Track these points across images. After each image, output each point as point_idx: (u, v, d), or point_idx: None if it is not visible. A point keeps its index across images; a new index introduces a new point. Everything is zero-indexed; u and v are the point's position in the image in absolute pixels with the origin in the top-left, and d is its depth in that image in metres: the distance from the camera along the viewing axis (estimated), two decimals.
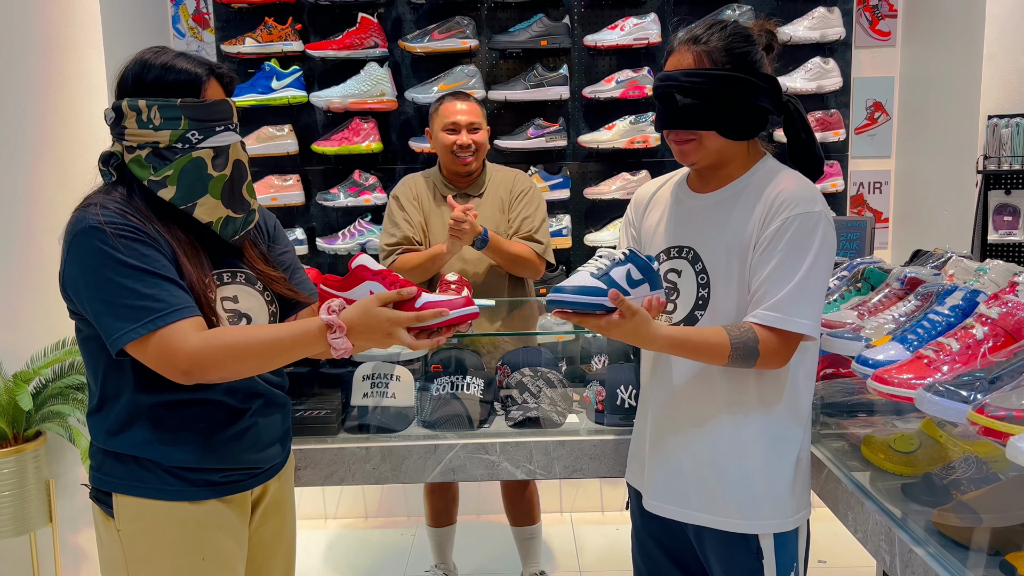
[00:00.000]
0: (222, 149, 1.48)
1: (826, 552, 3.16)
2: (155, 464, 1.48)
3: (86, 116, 2.99)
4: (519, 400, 2.16)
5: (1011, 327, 1.38)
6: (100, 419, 1.50)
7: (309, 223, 3.68)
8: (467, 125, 2.69)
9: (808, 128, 1.64)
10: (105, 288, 1.38)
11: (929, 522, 1.48)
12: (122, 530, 1.48)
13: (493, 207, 2.76)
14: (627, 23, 3.46)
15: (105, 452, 1.50)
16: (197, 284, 1.46)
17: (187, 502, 1.49)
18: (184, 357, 1.37)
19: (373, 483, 2.06)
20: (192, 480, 1.50)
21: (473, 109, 2.72)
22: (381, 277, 1.44)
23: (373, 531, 3.67)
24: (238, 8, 3.55)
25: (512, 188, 2.79)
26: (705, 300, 1.60)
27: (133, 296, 1.37)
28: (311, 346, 1.39)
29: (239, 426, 1.54)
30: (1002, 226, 2.97)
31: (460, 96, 2.77)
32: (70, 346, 2.91)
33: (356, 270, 1.45)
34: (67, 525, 3.04)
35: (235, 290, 1.56)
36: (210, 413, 1.51)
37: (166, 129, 1.44)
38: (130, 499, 1.48)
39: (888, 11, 3.64)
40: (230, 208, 1.51)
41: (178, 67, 1.45)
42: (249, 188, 1.55)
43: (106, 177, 1.50)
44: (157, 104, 1.43)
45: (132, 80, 1.45)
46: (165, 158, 1.45)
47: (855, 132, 3.70)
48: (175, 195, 1.46)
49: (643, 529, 1.78)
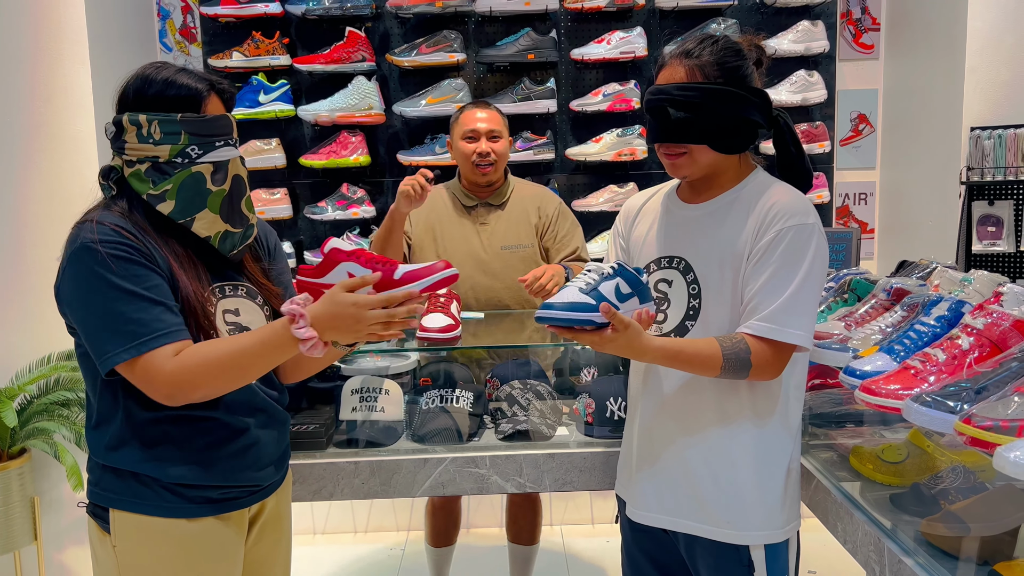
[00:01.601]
0: (221, 164, 1.49)
1: (816, 563, 3.16)
2: (154, 480, 1.47)
3: (72, 131, 2.98)
4: (509, 413, 2.16)
5: (996, 337, 1.39)
6: (99, 434, 1.49)
7: (297, 236, 3.68)
8: (487, 133, 2.63)
9: (797, 141, 1.66)
10: (94, 309, 1.38)
11: (918, 532, 1.48)
12: (118, 546, 1.47)
13: (515, 220, 2.71)
14: (614, 37, 3.48)
15: (104, 467, 1.49)
16: (195, 297, 1.45)
17: (184, 519, 1.48)
18: (164, 381, 1.38)
19: (362, 498, 2.05)
20: (190, 497, 1.48)
21: (494, 117, 2.67)
22: (355, 256, 1.42)
23: (362, 546, 3.64)
24: (225, 22, 3.55)
25: (542, 206, 2.74)
26: (696, 310, 1.61)
27: (120, 321, 1.37)
28: (281, 345, 1.38)
29: (240, 443, 1.53)
30: (986, 236, 3.00)
31: (481, 104, 2.73)
32: (55, 362, 2.89)
33: (330, 254, 1.43)
34: (52, 543, 3.01)
35: (236, 303, 1.56)
36: (211, 430, 1.50)
37: (166, 144, 1.44)
38: (127, 515, 1.47)
39: (871, 24, 3.68)
40: (228, 223, 1.51)
41: (179, 82, 1.46)
42: (248, 203, 1.56)
43: (106, 191, 1.51)
44: (157, 119, 1.44)
45: (133, 95, 1.46)
46: (164, 172, 1.45)
47: (840, 144, 3.73)
48: (173, 209, 1.46)
49: (633, 542, 1.77)
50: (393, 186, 3.65)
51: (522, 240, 2.70)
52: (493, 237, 2.69)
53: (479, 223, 2.71)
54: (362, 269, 1.41)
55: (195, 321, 1.46)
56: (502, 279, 2.68)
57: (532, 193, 2.78)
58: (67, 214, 1.51)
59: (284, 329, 1.37)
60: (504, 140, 2.68)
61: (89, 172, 2.96)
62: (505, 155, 2.69)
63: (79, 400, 2.88)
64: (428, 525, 2.89)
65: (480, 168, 2.64)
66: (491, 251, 2.67)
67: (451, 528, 2.88)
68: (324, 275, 1.44)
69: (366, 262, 1.41)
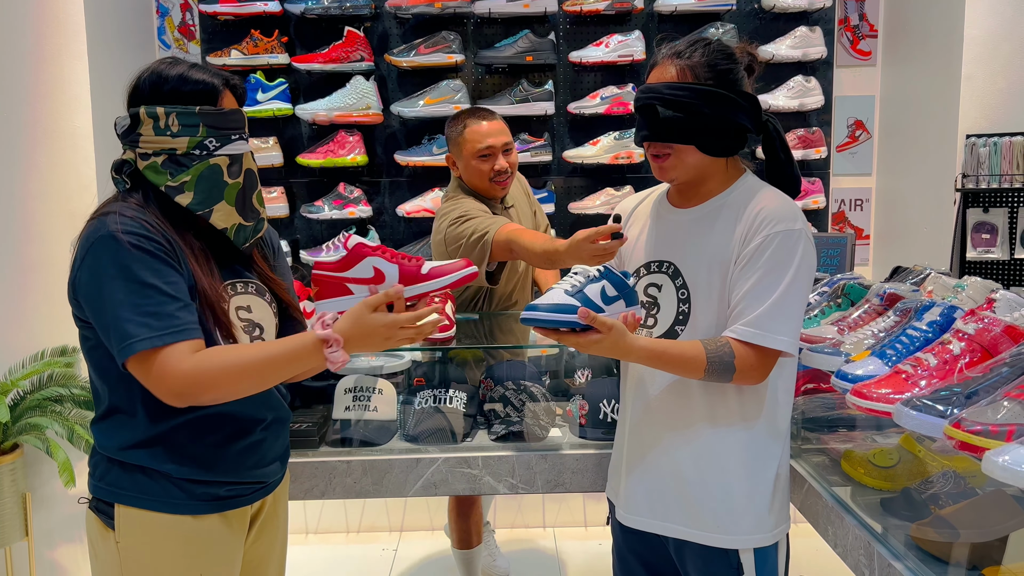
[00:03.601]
0: (237, 157, 1.50)
1: (806, 567, 3.16)
2: (162, 476, 1.46)
3: (70, 127, 2.98)
4: (502, 414, 2.16)
5: (987, 343, 1.40)
6: (107, 427, 1.49)
7: (293, 235, 3.67)
8: (501, 147, 2.51)
9: (786, 147, 1.66)
10: (116, 298, 1.37)
11: (908, 536, 1.49)
12: (122, 542, 1.47)
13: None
14: (612, 40, 3.49)
15: (110, 461, 1.48)
16: (210, 292, 1.46)
17: (190, 516, 1.48)
18: (179, 378, 1.36)
19: (354, 497, 2.05)
20: (197, 494, 1.48)
21: (502, 128, 2.54)
22: (381, 252, 1.45)
23: (354, 546, 3.64)
24: (224, 20, 3.55)
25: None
26: (686, 315, 1.61)
27: (140, 312, 1.36)
28: (307, 361, 1.40)
29: (250, 439, 1.54)
30: (980, 243, 3.01)
31: (485, 115, 2.56)
32: (49, 358, 2.88)
33: (356, 248, 1.45)
34: (43, 540, 3.00)
35: (248, 300, 1.56)
36: (222, 426, 1.50)
37: (184, 136, 1.45)
38: (133, 510, 1.46)
39: (869, 31, 3.69)
40: (242, 216, 1.52)
41: (195, 78, 1.47)
42: (259, 197, 1.57)
43: (119, 185, 1.51)
44: (176, 111, 1.44)
45: (150, 88, 1.46)
46: (182, 164, 1.46)
47: (836, 150, 3.74)
48: (192, 200, 1.46)
49: (624, 544, 1.77)
50: (390, 186, 3.66)
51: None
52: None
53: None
54: (387, 264, 1.44)
55: (212, 316, 1.46)
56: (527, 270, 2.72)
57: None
58: (64, 210, 1.51)
59: (316, 349, 1.38)
60: (514, 148, 2.59)
61: (86, 168, 2.96)
62: (517, 162, 2.62)
63: (72, 396, 2.88)
64: (452, 529, 2.87)
65: (499, 184, 2.55)
66: None
67: (472, 531, 2.85)
68: (349, 269, 1.46)
69: (391, 257, 1.44)
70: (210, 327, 1.46)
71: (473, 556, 2.89)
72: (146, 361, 1.37)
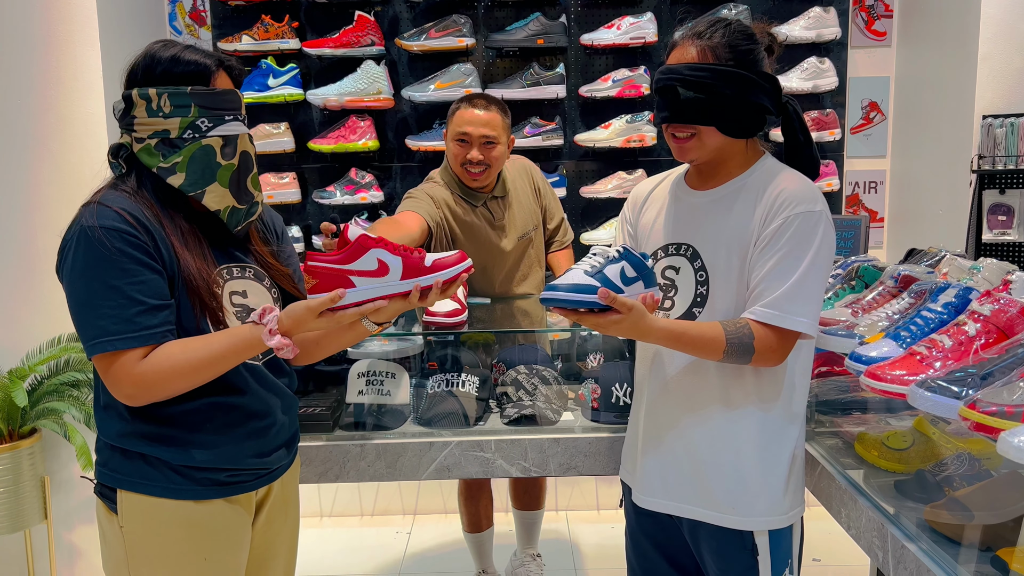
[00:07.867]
0: (231, 138, 1.50)
1: (821, 551, 3.16)
2: (162, 462, 1.48)
3: (82, 114, 2.99)
4: (514, 397, 2.16)
5: (1003, 324, 1.39)
6: (108, 415, 1.50)
7: (305, 221, 3.68)
8: (479, 139, 2.40)
9: (806, 129, 1.65)
10: (79, 297, 1.40)
11: (921, 519, 1.49)
12: (125, 527, 1.48)
13: (523, 204, 2.66)
14: (624, 22, 3.46)
15: (112, 447, 1.50)
16: (198, 275, 1.46)
17: (192, 501, 1.49)
18: (128, 384, 1.40)
19: (367, 480, 2.06)
20: (198, 479, 1.49)
21: (491, 120, 2.42)
22: (384, 244, 1.44)
23: (368, 529, 3.67)
24: (235, 6, 3.55)
25: (532, 180, 2.72)
26: (704, 297, 1.61)
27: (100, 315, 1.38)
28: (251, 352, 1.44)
29: (250, 427, 1.54)
30: (996, 225, 2.98)
31: (479, 102, 2.46)
32: (65, 343, 2.91)
33: (359, 240, 1.44)
34: (62, 522, 3.04)
35: (244, 285, 1.56)
36: (222, 413, 1.51)
37: (176, 116, 1.45)
38: (135, 496, 1.48)
39: (884, 11, 3.65)
40: (236, 198, 1.51)
41: (187, 58, 1.47)
42: (255, 180, 1.56)
43: (115, 169, 1.51)
44: (167, 92, 1.44)
45: (142, 71, 1.47)
46: (175, 146, 1.46)
47: (851, 132, 3.71)
48: (184, 181, 1.46)
49: (637, 527, 1.78)
50: (402, 171, 3.66)
51: (529, 221, 2.68)
52: (511, 230, 2.64)
53: (497, 225, 2.60)
54: (391, 256, 1.44)
55: (199, 300, 1.46)
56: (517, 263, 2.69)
57: (518, 167, 2.72)
58: (77, 196, 1.52)
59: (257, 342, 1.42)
60: (502, 145, 2.45)
61: (99, 154, 2.94)
62: (501, 160, 2.49)
63: (88, 381, 2.90)
64: (463, 512, 2.89)
65: (471, 174, 2.46)
66: (511, 243, 2.65)
67: (481, 514, 2.87)
68: (353, 261, 1.44)
69: (394, 250, 1.44)
70: (198, 312, 1.46)
71: (484, 539, 2.90)
72: (102, 363, 1.41)
